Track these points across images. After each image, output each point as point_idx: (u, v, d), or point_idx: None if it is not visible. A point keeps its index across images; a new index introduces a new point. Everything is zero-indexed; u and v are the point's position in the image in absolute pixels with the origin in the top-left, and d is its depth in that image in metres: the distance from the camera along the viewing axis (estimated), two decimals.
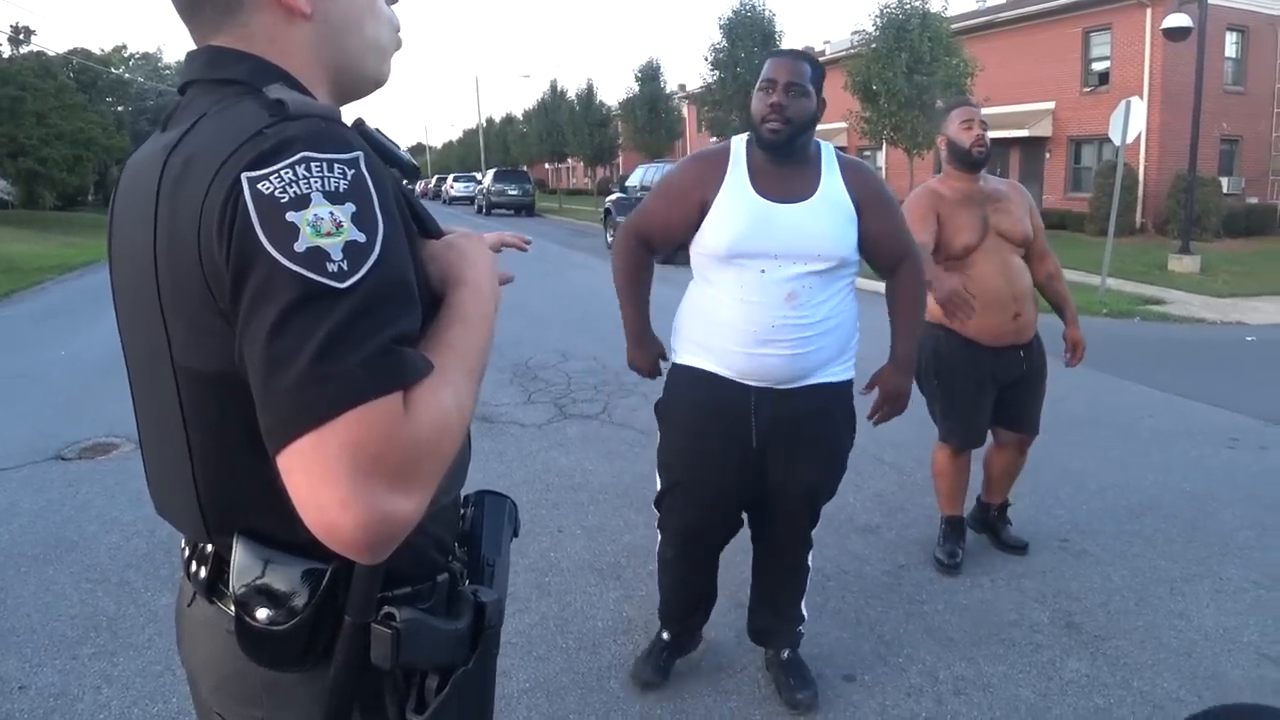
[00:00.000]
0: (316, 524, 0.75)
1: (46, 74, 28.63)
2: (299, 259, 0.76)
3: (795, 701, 2.72)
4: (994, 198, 3.43)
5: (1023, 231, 3.41)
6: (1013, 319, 3.39)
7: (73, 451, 5.28)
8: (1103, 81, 22.50)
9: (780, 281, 2.34)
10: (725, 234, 2.36)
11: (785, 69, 2.38)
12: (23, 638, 3.16)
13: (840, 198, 2.42)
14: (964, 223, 3.36)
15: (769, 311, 2.35)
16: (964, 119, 3.42)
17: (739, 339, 2.38)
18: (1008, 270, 3.37)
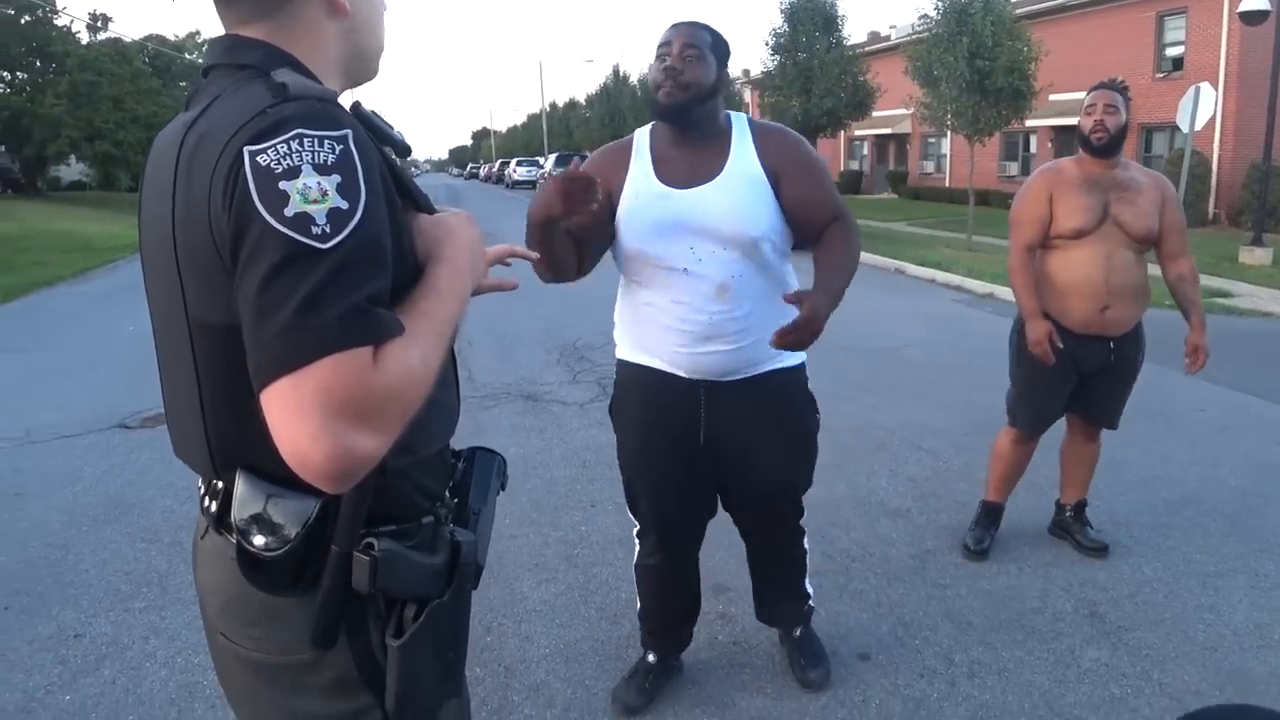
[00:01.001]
0: (290, 455, 0.87)
1: (123, 60, 29.52)
2: (288, 222, 0.87)
3: (807, 680, 2.76)
4: (1123, 186, 3.30)
5: (1145, 227, 3.27)
6: (1100, 311, 3.30)
7: (135, 420, 5.53)
8: (1176, 67, 21.84)
9: (706, 278, 2.22)
10: (634, 232, 2.24)
11: (681, 33, 2.21)
12: (80, 590, 3.37)
13: (752, 169, 2.24)
14: (1079, 205, 3.27)
15: (702, 310, 2.23)
16: (1089, 103, 3.32)
17: (677, 340, 2.27)
18: (1111, 262, 3.26)
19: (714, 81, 2.23)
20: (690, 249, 2.21)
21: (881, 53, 29.51)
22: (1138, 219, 3.26)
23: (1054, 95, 22.57)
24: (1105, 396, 3.54)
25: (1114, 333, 3.36)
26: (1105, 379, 3.48)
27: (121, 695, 2.74)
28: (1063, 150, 25.81)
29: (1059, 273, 3.35)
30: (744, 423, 2.36)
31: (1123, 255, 3.27)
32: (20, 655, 2.96)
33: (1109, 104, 3.26)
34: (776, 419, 2.41)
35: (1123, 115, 3.27)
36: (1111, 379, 3.49)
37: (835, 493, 4.30)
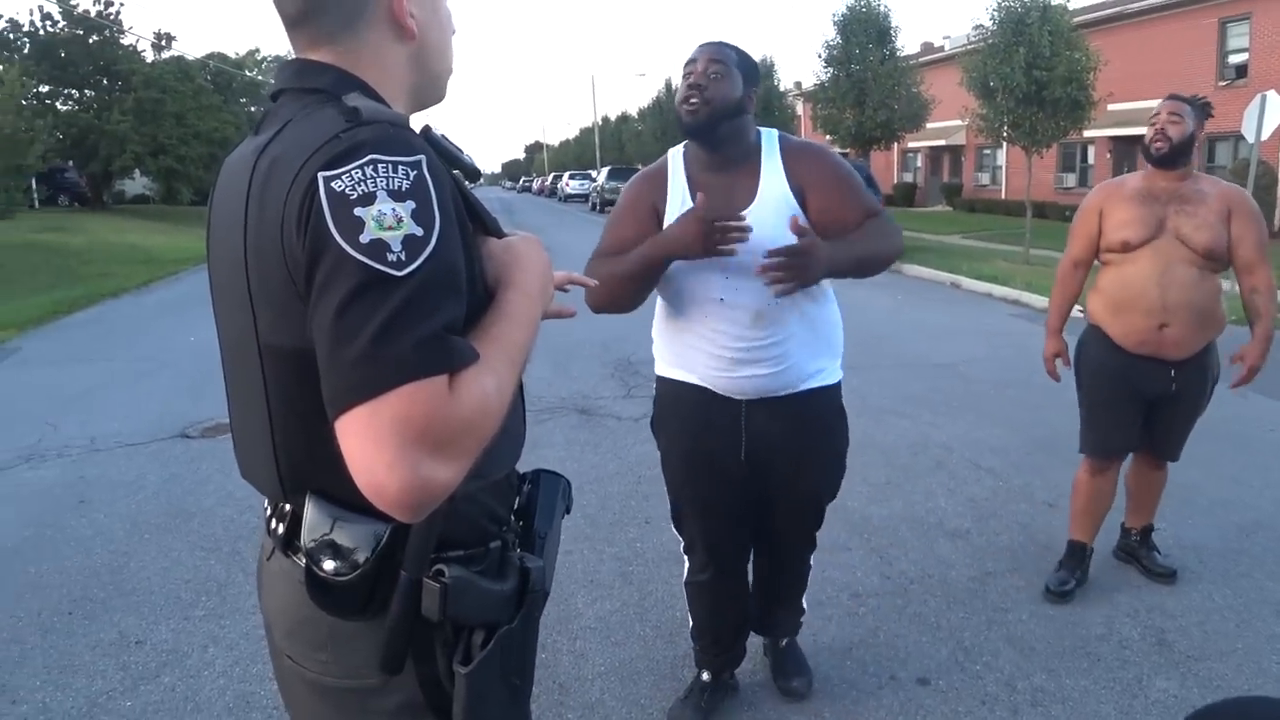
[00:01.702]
0: (365, 483, 0.86)
1: (185, 77, 30.29)
2: (363, 249, 0.87)
3: (790, 689, 2.78)
4: (1185, 198, 3.11)
5: (1206, 240, 3.05)
6: (1157, 329, 3.11)
7: (195, 430, 5.65)
8: (1240, 75, 21.32)
9: (742, 306, 2.22)
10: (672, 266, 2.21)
11: (706, 51, 2.22)
12: (142, 598, 3.43)
13: (781, 193, 2.23)
14: (1130, 217, 3.14)
15: (740, 337, 2.25)
16: (1154, 113, 3.18)
17: (714, 363, 2.29)
18: (1167, 277, 3.07)
19: (739, 98, 2.21)
20: (725, 279, 2.21)
21: (935, 64, 29.24)
22: (1198, 230, 3.07)
23: (1113, 105, 22.15)
24: (1169, 427, 3.35)
25: (1173, 355, 3.16)
26: (1168, 409, 3.29)
27: (180, 703, 2.78)
28: (1121, 161, 25.32)
29: (1114, 288, 3.22)
30: (783, 438, 2.38)
31: (1183, 271, 3.08)
32: (83, 660, 3.02)
33: (1173, 113, 3.11)
34: (815, 435, 2.44)
35: (1188, 125, 3.10)
36: (1173, 409, 3.30)
37: (893, 511, 4.23)
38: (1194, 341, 3.16)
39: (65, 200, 30.93)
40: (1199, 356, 3.21)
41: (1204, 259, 3.08)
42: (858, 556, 3.79)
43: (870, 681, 2.87)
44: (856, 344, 3.50)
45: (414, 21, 1.07)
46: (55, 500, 4.48)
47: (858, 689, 2.83)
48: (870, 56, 22.08)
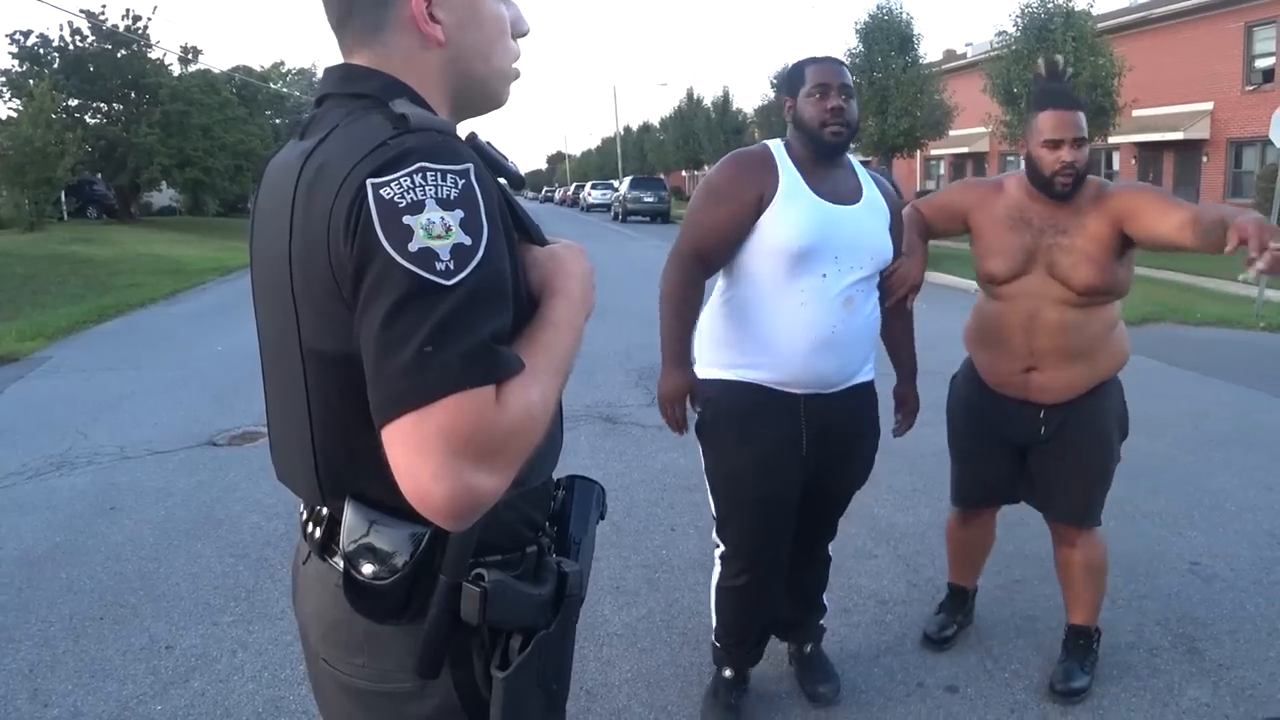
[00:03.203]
0: (411, 491, 0.86)
1: (211, 90, 30.62)
2: (412, 257, 0.87)
3: (818, 695, 2.78)
4: (1062, 228, 2.55)
5: (1084, 279, 2.51)
6: (1021, 372, 2.67)
7: (223, 438, 5.70)
8: (1267, 79, 21.08)
9: (840, 286, 2.36)
10: (795, 231, 2.32)
11: (834, 73, 2.40)
12: (171, 603, 3.47)
13: (880, 204, 2.50)
14: (1000, 245, 2.63)
15: (828, 316, 2.36)
16: (1052, 134, 2.51)
17: (796, 346, 2.36)
18: (1034, 321, 2.59)
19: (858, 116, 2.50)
20: (835, 258, 2.36)
21: (958, 71, 29.14)
22: (1075, 267, 2.52)
23: (1137, 111, 21.98)
24: (1052, 481, 2.78)
25: (1041, 399, 2.68)
26: (1043, 457, 2.77)
27: (210, 707, 2.80)
28: (1147, 168, 25.10)
29: (984, 322, 2.78)
30: (839, 431, 2.49)
31: (1055, 313, 2.57)
32: (114, 665, 3.05)
33: (1078, 137, 2.51)
34: (863, 428, 2.59)
35: (1088, 145, 2.56)
36: (1050, 458, 2.75)
37: (920, 519, 4.22)
38: (1069, 384, 2.66)
39: (94, 212, 31.33)
40: (1082, 401, 2.69)
41: (1083, 296, 2.56)
42: (885, 563, 3.78)
43: (898, 689, 2.86)
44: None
45: (439, 27, 1.04)
46: (86, 507, 4.54)
47: (885, 696, 2.81)
48: (893, 64, 22.06)
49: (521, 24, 1.16)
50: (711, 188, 2.45)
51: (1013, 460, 2.85)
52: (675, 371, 2.49)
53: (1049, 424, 2.71)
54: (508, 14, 1.13)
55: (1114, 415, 2.77)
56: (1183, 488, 4.64)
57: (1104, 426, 2.74)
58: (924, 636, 3.12)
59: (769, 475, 2.45)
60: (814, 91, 2.38)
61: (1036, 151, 2.56)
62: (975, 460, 2.93)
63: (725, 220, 2.39)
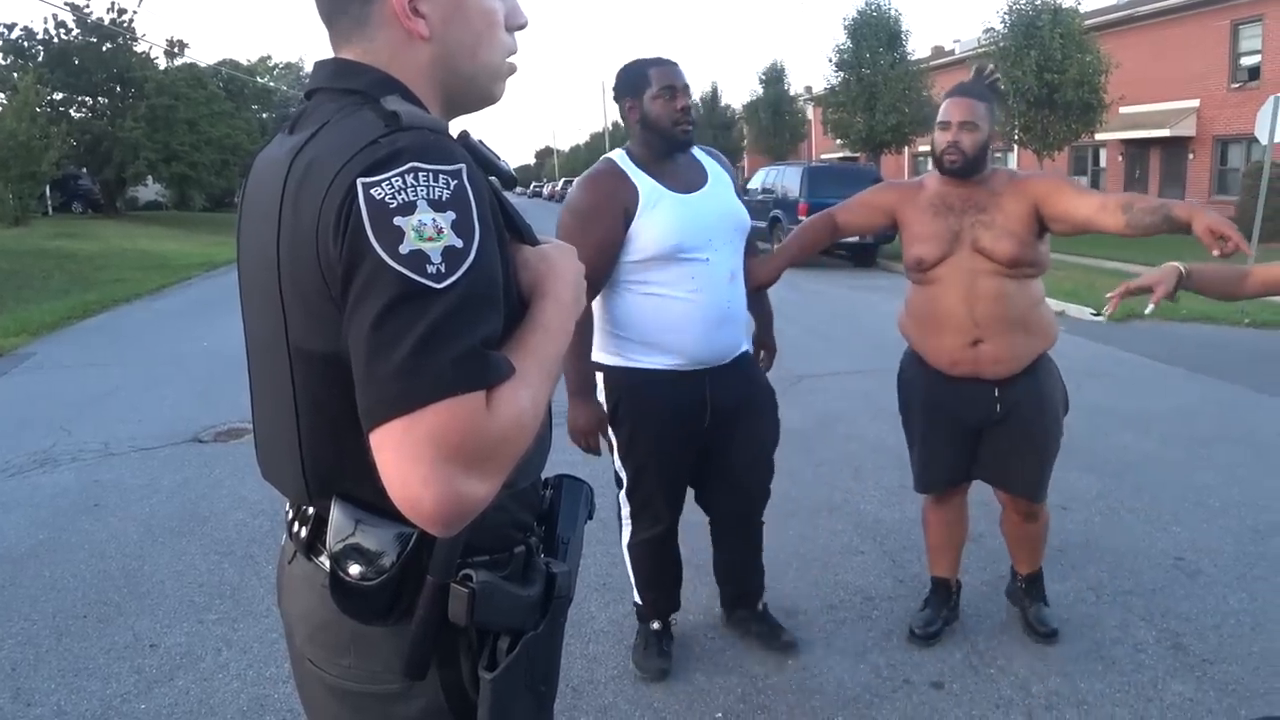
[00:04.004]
0: (400, 497, 0.86)
1: (198, 84, 30.43)
2: (402, 260, 0.85)
3: (783, 643, 3.04)
4: (982, 207, 2.74)
5: (1008, 250, 2.69)
6: (970, 346, 2.78)
7: (208, 435, 5.67)
8: (1253, 77, 21.20)
9: (723, 265, 2.59)
10: (667, 230, 2.51)
11: (678, 74, 2.59)
12: (156, 601, 3.45)
13: (721, 174, 2.72)
14: (926, 232, 2.79)
15: (719, 295, 2.59)
16: (942, 117, 2.77)
17: (697, 328, 2.57)
18: (974, 291, 2.74)
19: None
20: (709, 241, 2.57)
21: (946, 67, 29.19)
22: (998, 241, 2.70)
23: (1124, 108, 22.11)
24: (1005, 457, 2.92)
25: (993, 374, 2.81)
26: (998, 436, 2.90)
27: (195, 706, 2.79)
28: (1134, 164, 25.23)
29: (921, 308, 2.91)
30: (738, 397, 2.74)
31: (990, 282, 2.73)
32: (98, 663, 3.03)
33: (965, 121, 2.70)
34: (757, 389, 2.86)
35: (983, 130, 2.72)
36: (1005, 436, 2.88)
37: (905, 515, 4.22)
38: (1015, 356, 2.81)
39: (79, 207, 31.16)
40: (1027, 374, 2.84)
41: (1011, 268, 2.73)
42: (870, 560, 3.79)
43: (885, 685, 2.86)
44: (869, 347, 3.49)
45: (423, 21, 1.02)
46: (69, 504, 4.51)
47: (872, 692, 2.82)
48: (881, 60, 22.14)
49: (517, 16, 1.13)
50: (578, 213, 2.58)
51: (968, 441, 2.97)
52: (584, 404, 2.67)
53: (1003, 402, 2.85)
54: (501, 7, 1.10)
55: (1058, 392, 2.96)
56: (1168, 484, 4.66)
57: (1052, 404, 2.92)
58: (910, 632, 3.15)
59: (680, 448, 2.72)
60: (661, 93, 2.54)
61: (934, 135, 2.82)
62: (933, 444, 3.01)
63: (601, 241, 2.50)
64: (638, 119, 2.59)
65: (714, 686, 2.86)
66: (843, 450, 5.26)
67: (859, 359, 7.49)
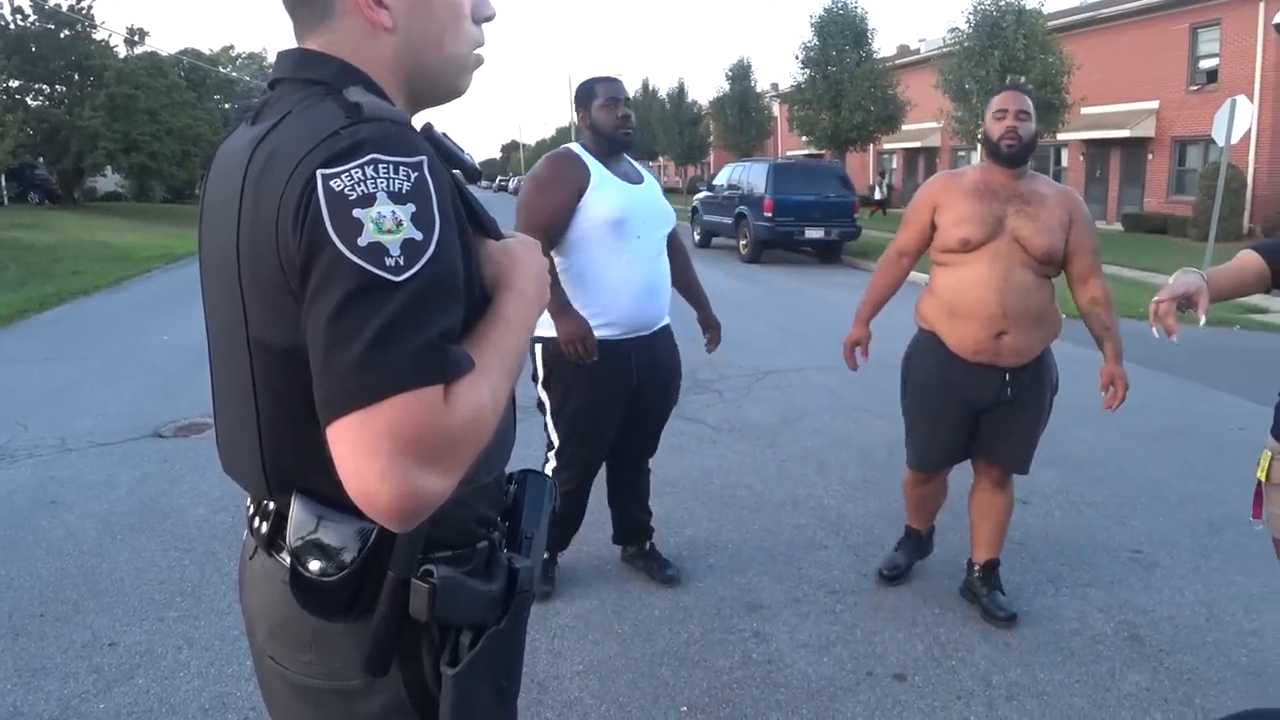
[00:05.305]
0: (356, 492, 0.85)
1: (158, 73, 29.85)
2: (361, 252, 0.84)
3: (667, 578, 3.50)
4: (1025, 199, 2.94)
5: (1045, 245, 2.89)
6: (994, 337, 2.94)
7: (169, 429, 5.58)
8: (1210, 80, 21.61)
9: (652, 243, 3.11)
10: (613, 205, 3.01)
11: (619, 89, 3.13)
12: (114, 599, 3.39)
13: (653, 181, 3.30)
14: (970, 214, 2.94)
15: (648, 268, 3.09)
16: (998, 107, 2.97)
17: (630, 294, 3.04)
18: (1006, 283, 2.89)
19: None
20: (643, 222, 3.09)
21: (911, 66, 29.43)
22: (1038, 235, 2.89)
23: (1086, 109, 22.42)
24: (1004, 435, 3.12)
25: (1009, 363, 2.99)
26: (1001, 416, 3.08)
27: (155, 705, 2.75)
28: (1094, 164, 25.60)
29: (950, 292, 3.03)
30: (661, 363, 3.23)
31: (1021, 275, 2.91)
32: (55, 663, 2.98)
33: (1022, 110, 2.94)
34: (673, 359, 3.32)
35: (1034, 122, 2.99)
36: (1008, 416, 3.08)
37: (869, 510, 4.26)
38: (1031, 348, 3.01)
39: (35, 197, 30.47)
40: (1034, 362, 3.05)
41: (1042, 264, 2.92)
42: (835, 554, 3.82)
43: (848, 678, 2.89)
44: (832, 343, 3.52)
45: (385, 12, 1.01)
46: (25, 501, 4.42)
47: (835, 685, 2.85)
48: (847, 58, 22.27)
49: (484, 8, 1.12)
50: (540, 181, 3.08)
51: (967, 425, 3.15)
52: (566, 318, 2.97)
53: (1013, 385, 3.04)
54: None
55: (1054, 376, 3.19)
56: (1126, 478, 4.75)
57: (1051, 388, 3.17)
58: (879, 573, 3.53)
59: (606, 409, 3.15)
60: (606, 105, 3.09)
61: (989, 124, 3.03)
62: (938, 429, 3.18)
63: (557, 202, 3.00)
64: (588, 125, 3.13)
65: (679, 680, 2.87)
66: (807, 446, 5.30)
67: (824, 355, 7.51)
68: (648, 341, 3.14)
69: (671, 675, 2.89)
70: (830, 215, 15.86)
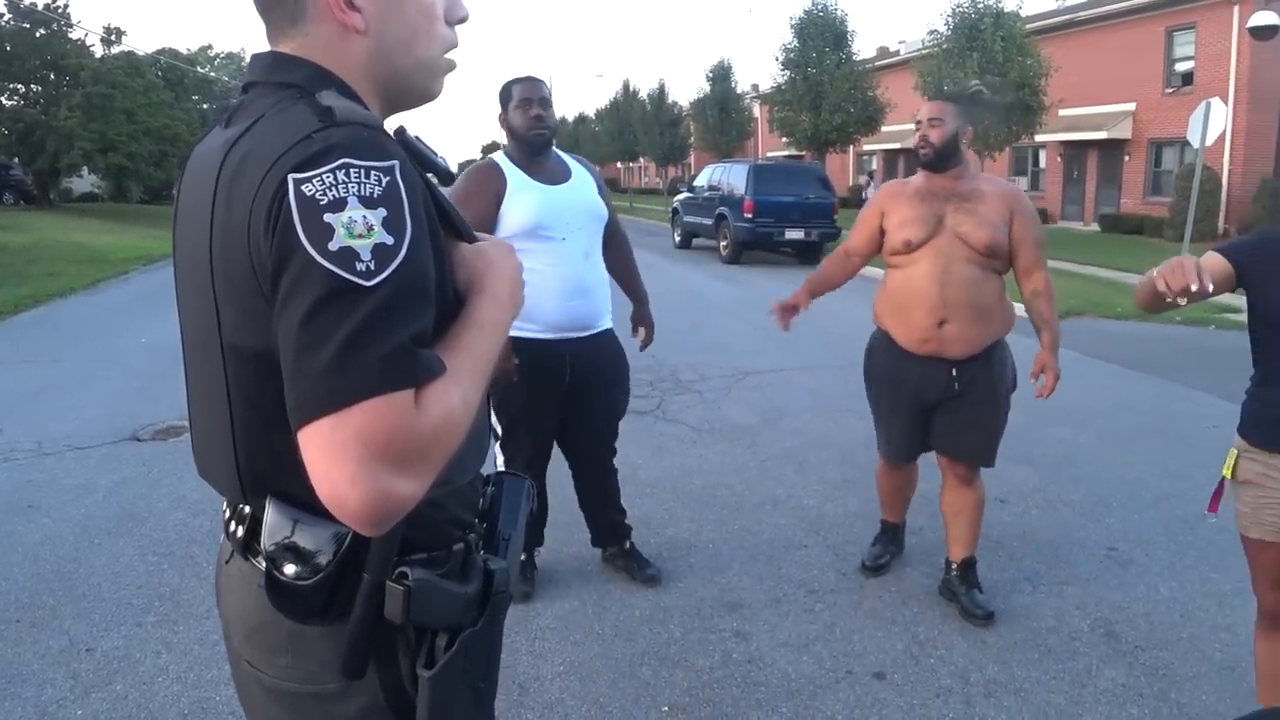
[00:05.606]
0: (327, 496, 0.85)
1: (136, 73, 29.57)
2: (332, 257, 0.85)
3: (648, 577, 3.51)
4: (965, 197, 3.09)
5: (985, 238, 3.03)
6: (936, 325, 3.09)
7: (147, 433, 5.54)
8: (1186, 82, 21.82)
9: (577, 244, 3.10)
10: (529, 212, 3.03)
11: (535, 89, 3.15)
12: (92, 604, 3.37)
13: (585, 176, 3.27)
14: (911, 216, 3.12)
15: (574, 269, 3.09)
16: (916, 117, 3.18)
17: (555, 297, 3.03)
18: (947, 275, 3.05)
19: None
20: (566, 224, 3.08)
21: (891, 68, 29.58)
22: (978, 228, 3.04)
23: (1064, 110, 22.61)
24: (961, 428, 3.21)
25: (954, 354, 3.12)
26: (954, 410, 3.20)
27: (134, 710, 2.73)
28: (1072, 165, 25.82)
29: (898, 288, 3.20)
30: (599, 366, 3.24)
31: (962, 268, 3.06)
32: (32, 669, 2.95)
33: (932, 117, 3.09)
34: (614, 360, 3.32)
35: (949, 127, 3.07)
36: (961, 410, 3.18)
37: (849, 509, 4.29)
38: (975, 339, 3.12)
39: (10, 198, 30.12)
40: (983, 356, 3.16)
41: (984, 256, 3.06)
42: (814, 553, 3.84)
43: (827, 676, 2.91)
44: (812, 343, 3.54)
45: (358, 15, 1.01)
46: (1, 506, 4.37)
47: (815, 684, 2.86)
48: (827, 60, 22.36)
49: (457, 10, 1.12)
50: (459, 196, 3.04)
51: (926, 418, 3.29)
52: None
53: (960, 379, 3.17)
54: (440, 0, 1.09)
55: (1009, 372, 3.26)
56: (1102, 476, 4.80)
57: (1003, 384, 3.23)
58: (862, 565, 3.64)
59: (540, 406, 3.17)
60: (521, 105, 3.11)
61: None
62: (896, 419, 3.36)
63: (478, 214, 2.97)
64: (506, 127, 3.16)
65: (660, 680, 2.88)
66: (787, 446, 5.32)
67: (804, 356, 7.56)
68: (586, 343, 3.17)
69: (652, 675, 2.90)
70: (810, 216, 15.92)
